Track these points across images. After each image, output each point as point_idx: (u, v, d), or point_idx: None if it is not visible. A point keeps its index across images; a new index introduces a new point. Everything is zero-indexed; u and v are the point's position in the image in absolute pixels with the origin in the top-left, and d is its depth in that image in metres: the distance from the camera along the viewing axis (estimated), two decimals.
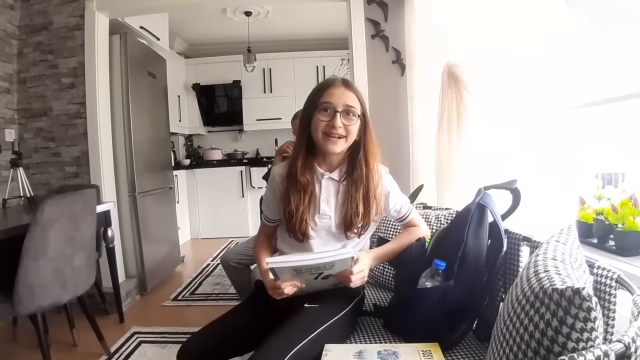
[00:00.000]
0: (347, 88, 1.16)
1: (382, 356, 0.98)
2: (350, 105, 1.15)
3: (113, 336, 2.21)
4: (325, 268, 1.04)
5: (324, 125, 1.14)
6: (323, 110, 1.14)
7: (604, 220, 1.24)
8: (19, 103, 2.82)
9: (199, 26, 4.68)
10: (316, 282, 1.11)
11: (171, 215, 3.69)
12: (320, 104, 1.15)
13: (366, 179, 1.18)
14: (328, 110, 1.14)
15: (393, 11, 2.61)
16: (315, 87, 1.21)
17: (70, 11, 2.73)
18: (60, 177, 2.82)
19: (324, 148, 1.17)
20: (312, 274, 1.07)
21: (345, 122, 1.14)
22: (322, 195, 1.21)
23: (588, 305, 0.55)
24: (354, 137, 1.18)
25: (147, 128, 3.16)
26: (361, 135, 1.20)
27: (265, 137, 5.36)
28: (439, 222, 1.53)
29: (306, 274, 1.06)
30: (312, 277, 1.08)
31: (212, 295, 2.94)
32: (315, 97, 1.17)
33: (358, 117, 1.16)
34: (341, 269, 1.07)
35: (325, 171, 1.22)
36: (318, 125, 1.15)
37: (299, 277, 1.08)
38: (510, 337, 0.68)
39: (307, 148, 1.21)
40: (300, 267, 1.04)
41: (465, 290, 1.07)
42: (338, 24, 3.80)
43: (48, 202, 1.60)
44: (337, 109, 1.13)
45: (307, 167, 1.20)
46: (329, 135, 1.14)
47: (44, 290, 1.63)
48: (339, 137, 1.14)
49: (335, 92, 1.15)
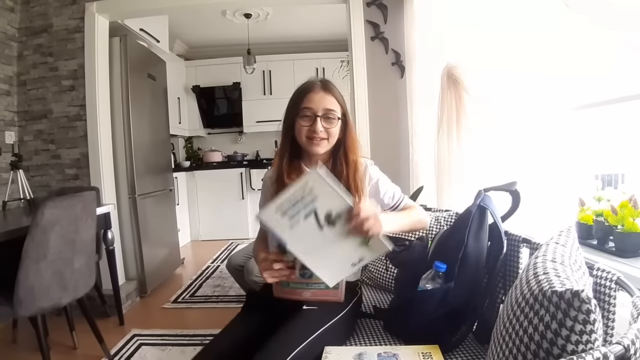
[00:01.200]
0: (325, 92, 1.20)
1: (382, 358, 0.98)
2: (330, 109, 1.18)
3: (113, 338, 2.20)
4: (310, 200, 0.93)
5: (306, 130, 1.18)
6: (304, 116, 1.19)
7: (604, 222, 1.24)
8: (19, 105, 2.83)
9: (198, 28, 4.69)
10: (326, 242, 0.97)
11: (171, 217, 3.69)
12: (301, 109, 1.19)
13: (346, 174, 1.22)
14: (309, 116, 1.18)
15: (392, 13, 2.62)
16: (295, 92, 1.25)
17: (70, 14, 2.74)
18: (60, 179, 2.83)
19: (308, 150, 1.22)
20: (308, 216, 0.94)
21: (326, 125, 1.18)
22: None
23: (587, 307, 0.55)
24: (336, 138, 1.22)
25: (147, 130, 3.16)
26: (342, 134, 1.24)
27: (265, 139, 5.36)
28: (439, 223, 1.54)
29: (301, 217, 0.94)
30: (315, 227, 0.95)
31: (212, 298, 2.94)
32: (296, 103, 1.21)
33: (338, 119, 1.20)
34: (335, 206, 0.94)
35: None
36: (301, 131, 1.19)
37: (297, 230, 0.95)
38: (510, 340, 0.68)
39: (292, 150, 1.26)
40: (284, 204, 0.93)
41: (465, 292, 1.07)
42: (338, 26, 3.81)
43: (48, 205, 1.60)
44: (318, 114, 1.17)
45: (292, 168, 1.24)
46: (312, 139, 1.19)
47: (44, 292, 1.63)
48: (321, 139, 1.19)
49: (314, 98, 1.18)
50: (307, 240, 0.97)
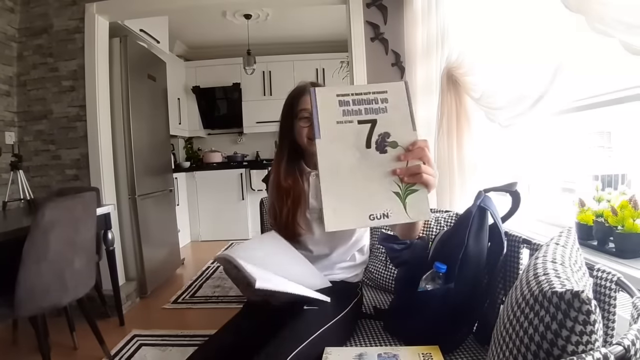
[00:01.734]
0: None
1: (382, 359, 0.98)
2: None
3: (113, 339, 2.20)
4: (377, 109, 0.80)
5: (307, 130, 1.23)
6: (302, 118, 1.23)
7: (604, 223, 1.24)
8: (19, 106, 2.83)
9: (198, 29, 4.69)
10: (360, 168, 0.79)
11: (171, 217, 3.69)
12: (299, 112, 1.24)
13: None
14: (307, 117, 1.22)
15: (392, 14, 2.62)
16: (289, 97, 1.30)
17: (70, 14, 2.74)
18: (60, 179, 2.83)
19: (310, 150, 1.25)
20: (363, 124, 0.80)
21: None
22: (311, 192, 1.29)
23: (587, 308, 0.55)
24: None
25: (147, 131, 3.16)
26: None
27: (265, 139, 5.36)
28: (439, 224, 1.54)
29: (355, 121, 0.80)
30: (361, 141, 0.80)
31: (213, 298, 2.94)
32: (292, 107, 1.26)
33: None
34: (398, 130, 0.80)
35: (312, 169, 1.30)
36: (301, 132, 1.24)
37: (341, 132, 0.80)
38: (510, 340, 0.68)
39: (290, 153, 1.29)
40: (349, 95, 0.81)
41: (465, 293, 1.07)
42: (337, 27, 3.81)
43: (48, 205, 1.60)
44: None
45: (289, 171, 1.28)
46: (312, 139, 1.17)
47: (45, 292, 1.63)
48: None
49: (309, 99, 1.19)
50: (342, 151, 0.80)
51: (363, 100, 0.80)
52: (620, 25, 0.86)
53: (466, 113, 1.83)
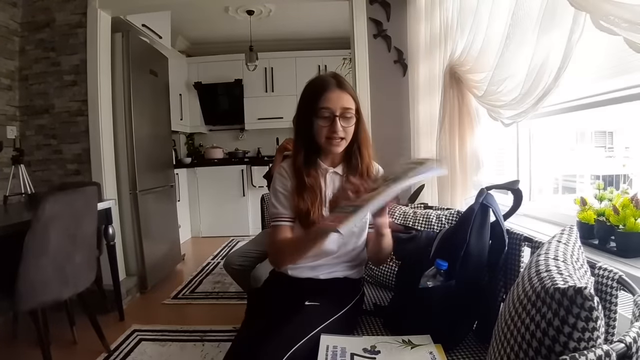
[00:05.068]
0: (341, 90, 1.20)
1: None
2: (347, 108, 1.19)
3: (113, 334, 2.21)
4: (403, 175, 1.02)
5: (326, 130, 1.19)
6: (323, 117, 1.18)
7: (605, 222, 1.24)
8: (21, 100, 2.83)
9: (201, 25, 4.68)
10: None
11: (172, 213, 3.69)
12: (319, 109, 1.18)
13: (361, 165, 1.26)
14: (327, 116, 1.18)
15: (395, 11, 2.61)
16: (309, 90, 1.23)
17: (72, 9, 2.73)
18: (62, 174, 2.83)
19: (327, 150, 1.23)
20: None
21: (344, 124, 1.19)
22: (328, 190, 1.27)
23: (590, 304, 0.55)
24: (351, 135, 1.24)
25: (149, 126, 3.16)
26: (356, 128, 1.25)
27: (266, 136, 5.36)
28: (440, 222, 1.53)
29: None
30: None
31: (213, 294, 2.94)
32: (312, 102, 1.19)
33: (354, 116, 1.22)
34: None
35: (329, 166, 1.28)
36: (321, 131, 1.19)
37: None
38: (512, 337, 0.68)
39: (308, 148, 1.25)
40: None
41: (466, 290, 1.07)
42: (340, 24, 3.80)
43: (49, 200, 1.60)
44: (336, 114, 1.18)
45: (310, 167, 1.25)
46: (332, 139, 1.19)
47: (45, 286, 1.63)
48: (340, 139, 1.20)
49: (331, 97, 1.18)
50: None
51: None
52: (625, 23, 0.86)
53: (469, 111, 1.82)
